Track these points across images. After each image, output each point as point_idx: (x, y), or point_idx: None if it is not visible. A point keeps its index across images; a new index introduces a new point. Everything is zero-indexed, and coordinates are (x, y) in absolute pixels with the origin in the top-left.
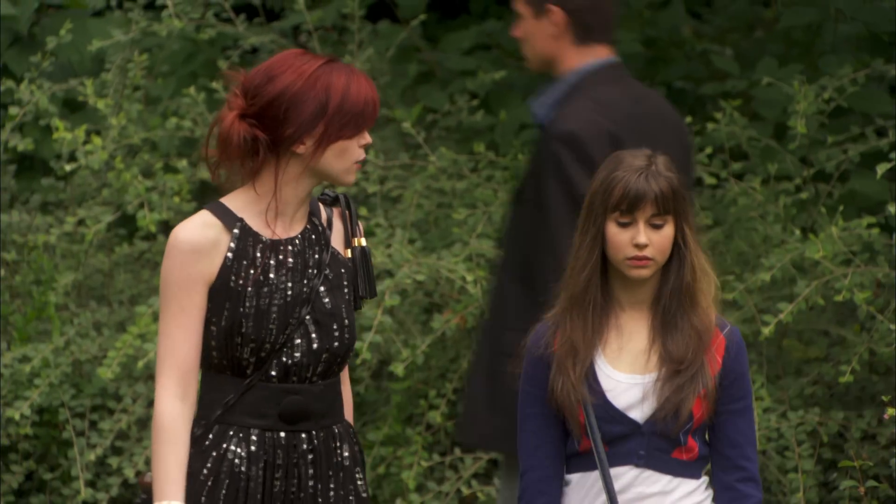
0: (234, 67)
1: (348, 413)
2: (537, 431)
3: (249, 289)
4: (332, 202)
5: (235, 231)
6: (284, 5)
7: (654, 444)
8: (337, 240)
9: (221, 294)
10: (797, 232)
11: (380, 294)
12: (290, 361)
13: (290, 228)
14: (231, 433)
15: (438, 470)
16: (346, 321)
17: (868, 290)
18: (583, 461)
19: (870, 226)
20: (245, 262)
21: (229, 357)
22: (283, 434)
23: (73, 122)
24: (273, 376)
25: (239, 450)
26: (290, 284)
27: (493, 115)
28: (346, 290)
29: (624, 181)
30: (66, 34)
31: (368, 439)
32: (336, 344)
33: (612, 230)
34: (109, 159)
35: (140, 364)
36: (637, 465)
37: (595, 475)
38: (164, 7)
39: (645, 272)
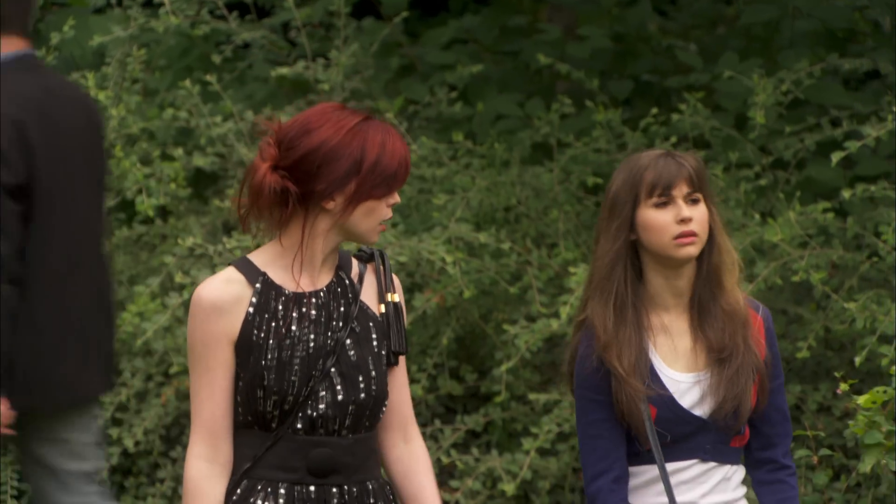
0: (269, 115)
1: (428, 473)
2: (607, 436)
3: (271, 342)
4: (367, 259)
5: (257, 286)
6: (274, 3)
7: (717, 438)
8: (369, 294)
9: (245, 349)
10: (757, 216)
11: None
12: (314, 414)
13: (315, 281)
14: (259, 488)
15: None
16: (374, 374)
17: (823, 270)
18: (646, 457)
19: (825, 210)
20: (267, 316)
21: (253, 411)
22: (312, 488)
23: None
24: (299, 429)
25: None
26: (312, 336)
27: (471, 106)
28: (374, 344)
29: (653, 166)
30: (68, 30)
31: None
32: (363, 396)
33: (651, 215)
34: (110, 148)
35: (139, 341)
36: (703, 460)
37: (653, 473)
38: (161, 5)
39: (693, 249)
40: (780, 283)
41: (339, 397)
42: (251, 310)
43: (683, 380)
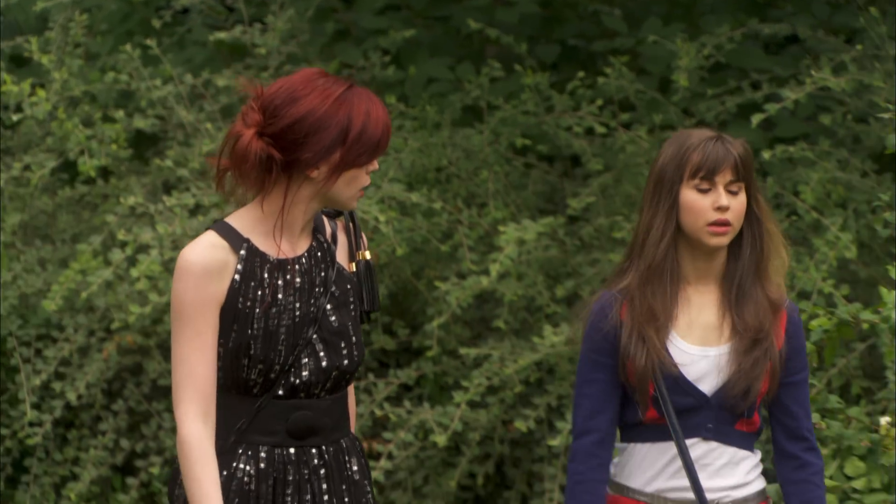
0: (246, 73)
1: (351, 424)
2: (599, 397)
3: (258, 311)
4: (335, 214)
5: (242, 252)
6: None
7: (721, 417)
8: (341, 254)
9: (229, 316)
10: None
11: None
12: (297, 381)
13: (295, 246)
14: (240, 451)
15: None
16: (354, 338)
17: None
18: (647, 431)
19: None
20: (253, 284)
21: (234, 377)
22: (292, 450)
23: (19, 76)
24: (280, 395)
25: (248, 467)
26: (297, 305)
27: (403, 70)
28: (351, 307)
29: (702, 147)
30: None
31: None
32: (346, 362)
33: (691, 197)
34: (53, 110)
35: (83, 296)
36: (705, 439)
37: (664, 446)
38: None
39: (724, 239)
40: None
41: (323, 364)
42: (237, 277)
43: (694, 352)
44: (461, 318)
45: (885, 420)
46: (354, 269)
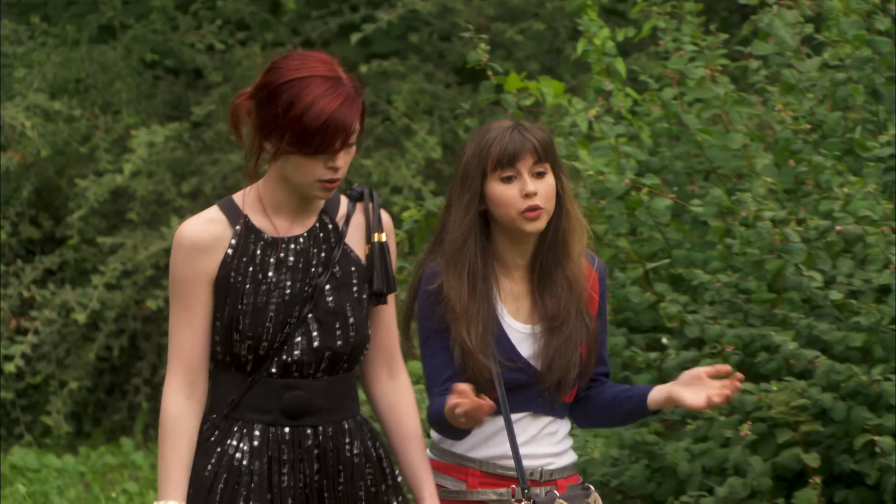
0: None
1: (412, 408)
2: (447, 364)
3: (247, 286)
4: (357, 197)
5: (237, 227)
6: None
7: (550, 391)
8: (356, 235)
9: (221, 290)
10: None
11: None
12: (289, 359)
13: (295, 226)
14: (235, 429)
15: (4, 276)
16: (351, 320)
17: None
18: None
19: None
20: (245, 259)
21: (230, 353)
22: (287, 429)
23: None
24: (274, 373)
25: (241, 444)
26: (289, 283)
27: None
28: (355, 289)
29: (499, 139)
30: None
31: None
32: (339, 343)
33: (498, 189)
34: None
35: None
36: (535, 413)
37: (497, 421)
38: None
39: (540, 224)
40: None
41: (315, 344)
42: (230, 251)
43: (524, 331)
44: (98, 210)
45: None
46: (369, 252)
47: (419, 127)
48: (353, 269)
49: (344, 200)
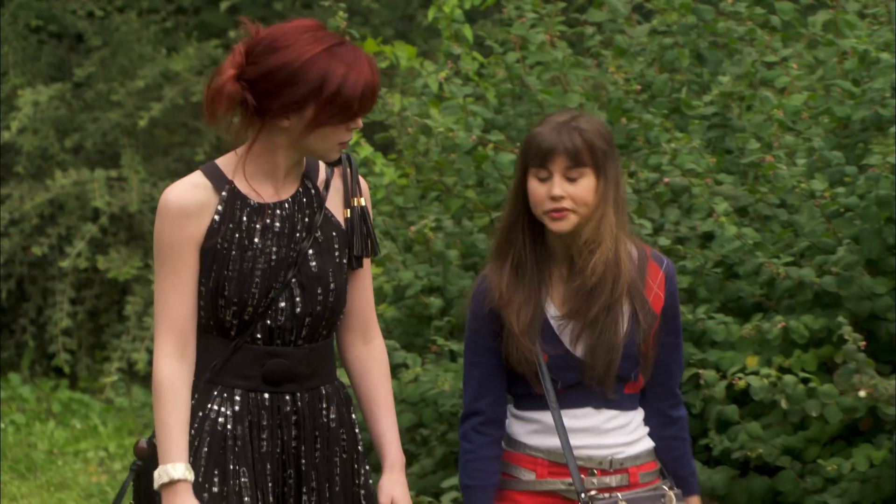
0: (253, 20)
1: (383, 375)
2: (484, 380)
3: (234, 252)
4: (335, 163)
5: (223, 194)
6: None
7: (598, 383)
8: (335, 200)
9: (208, 255)
10: (164, 50)
11: None
12: (274, 325)
13: (280, 191)
14: (215, 393)
15: None
16: (333, 285)
17: None
18: (539, 402)
19: (216, 46)
20: (231, 226)
21: (214, 318)
22: (266, 395)
23: None
24: (258, 338)
25: (223, 409)
26: (275, 249)
27: None
28: (336, 254)
29: (539, 137)
30: None
31: None
32: (319, 308)
33: (533, 185)
34: None
35: None
36: (597, 407)
37: (549, 415)
38: None
39: (563, 224)
40: (181, 104)
41: (297, 309)
42: (217, 217)
43: (566, 322)
44: None
45: None
46: (349, 216)
47: None
48: (334, 233)
49: (321, 165)
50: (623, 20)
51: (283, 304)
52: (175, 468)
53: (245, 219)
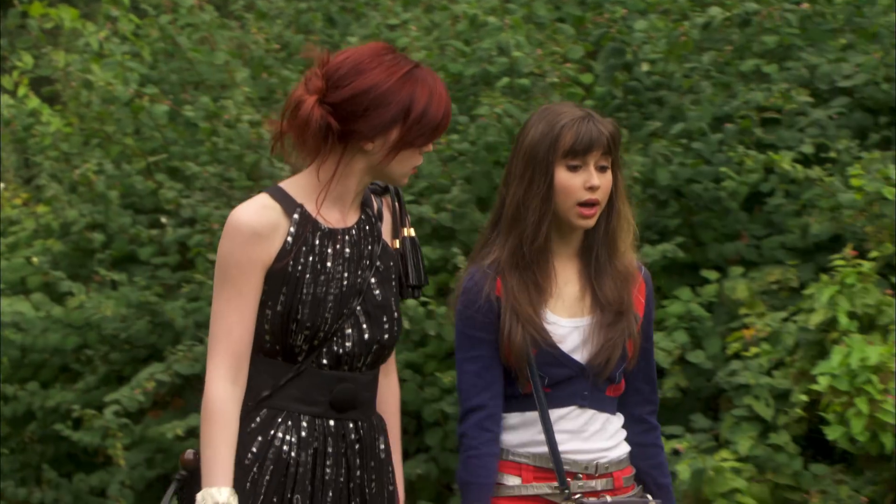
0: (319, 47)
1: (397, 412)
2: (483, 373)
3: (307, 276)
4: (381, 192)
5: (295, 216)
6: None
7: (595, 385)
8: (386, 230)
9: (279, 279)
10: None
11: None
12: (340, 350)
13: (346, 218)
14: (280, 419)
15: None
16: (396, 314)
17: None
18: (525, 402)
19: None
20: (304, 249)
21: (282, 342)
22: (332, 422)
23: None
24: (325, 364)
25: (288, 436)
26: (346, 275)
27: None
28: (393, 283)
29: (575, 127)
30: None
31: None
32: (386, 336)
33: (563, 176)
34: None
35: None
36: (581, 406)
37: (534, 415)
38: None
39: (591, 221)
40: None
41: (365, 336)
42: (289, 240)
43: (565, 324)
44: None
45: None
46: (398, 246)
47: None
48: (391, 263)
49: (372, 196)
50: None
51: (349, 331)
52: (220, 492)
53: (317, 243)
